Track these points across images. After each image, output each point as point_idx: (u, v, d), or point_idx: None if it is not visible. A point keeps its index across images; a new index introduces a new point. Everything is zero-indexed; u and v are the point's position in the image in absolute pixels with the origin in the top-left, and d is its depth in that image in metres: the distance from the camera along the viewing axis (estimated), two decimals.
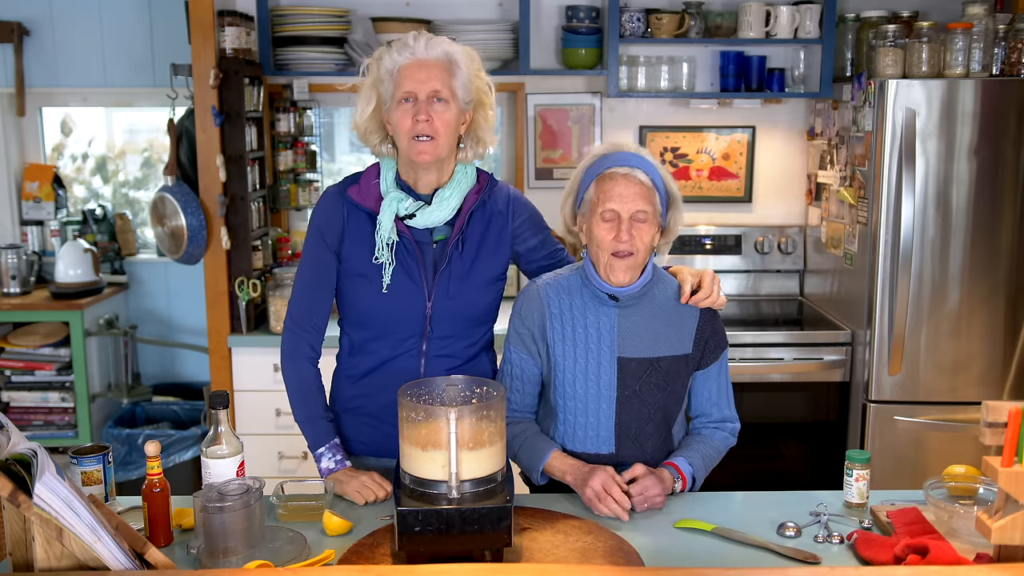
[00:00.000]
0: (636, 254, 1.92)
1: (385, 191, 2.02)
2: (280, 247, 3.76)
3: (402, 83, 1.94)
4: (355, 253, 2.03)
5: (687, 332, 2.00)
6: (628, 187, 1.90)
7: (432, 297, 2.02)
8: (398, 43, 1.97)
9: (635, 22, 3.59)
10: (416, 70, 1.93)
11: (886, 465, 3.23)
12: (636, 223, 1.90)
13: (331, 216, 2.05)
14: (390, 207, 1.99)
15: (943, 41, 3.16)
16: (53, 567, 1.45)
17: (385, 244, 1.99)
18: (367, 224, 2.03)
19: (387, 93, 1.98)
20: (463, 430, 1.62)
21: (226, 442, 1.79)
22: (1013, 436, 1.47)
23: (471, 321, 2.08)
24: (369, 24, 3.70)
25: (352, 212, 2.04)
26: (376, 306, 2.02)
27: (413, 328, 2.04)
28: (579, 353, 1.99)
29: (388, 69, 1.96)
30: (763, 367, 3.36)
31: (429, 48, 1.95)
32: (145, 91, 4.05)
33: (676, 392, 2.01)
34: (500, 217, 2.09)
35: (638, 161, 1.94)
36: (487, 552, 1.62)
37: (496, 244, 2.08)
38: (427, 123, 1.93)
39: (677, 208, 2.01)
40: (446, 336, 2.05)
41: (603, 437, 2.00)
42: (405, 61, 1.94)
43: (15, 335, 3.87)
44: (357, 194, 2.03)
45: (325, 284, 2.06)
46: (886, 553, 1.66)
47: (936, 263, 3.17)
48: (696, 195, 3.92)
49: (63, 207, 4.18)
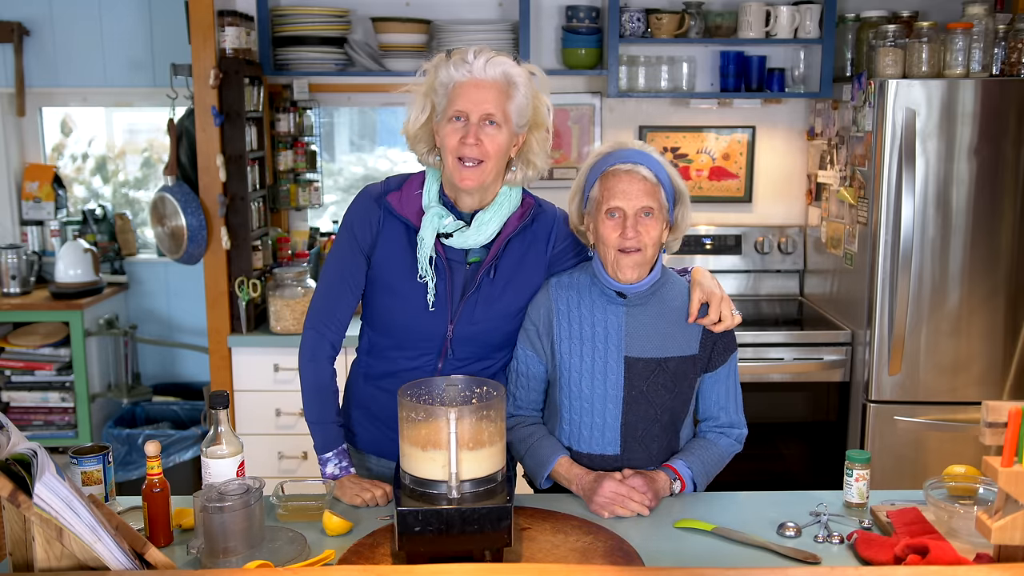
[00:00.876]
0: (644, 250, 1.90)
1: (427, 205, 1.96)
2: (280, 247, 3.76)
3: (455, 100, 1.87)
4: (385, 261, 1.98)
5: (694, 333, 1.99)
6: (632, 184, 1.88)
7: (455, 321, 1.98)
8: (457, 56, 1.89)
9: (635, 22, 3.59)
10: (471, 89, 1.86)
11: (886, 465, 3.23)
12: (641, 219, 1.88)
13: (366, 219, 1.99)
14: (431, 224, 1.93)
15: (943, 41, 3.16)
16: (53, 567, 1.45)
17: (426, 263, 1.93)
18: (402, 234, 1.98)
19: (440, 105, 1.91)
20: (463, 430, 1.62)
21: (226, 442, 1.79)
22: (1013, 436, 1.47)
23: (491, 347, 2.04)
24: (369, 24, 3.70)
25: (388, 219, 1.98)
26: (399, 319, 1.99)
27: (431, 347, 2.01)
28: (585, 352, 1.98)
29: (443, 82, 1.89)
30: (763, 367, 3.36)
31: (488, 68, 1.87)
32: (145, 91, 4.05)
33: (683, 393, 2.00)
34: (540, 244, 2.03)
35: (642, 157, 1.92)
36: (487, 552, 1.62)
37: (532, 271, 2.02)
38: (476, 146, 1.87)
39: (684, 204, 1.97)
40: (464, 359, 2.02)
41: (609, 438, 1.99)
42: (462, 78, 1.87)
43: (15, 335, 3.87)
44: (397, 202, 1.97)
45: (352, 285, 2.02)
46: (886, 553, 1.66)
47: (936, 263, 3.17)
48: (696, 195, 3.91)
49: (63, 207, 4.18)
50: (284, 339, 3.39)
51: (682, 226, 1.99)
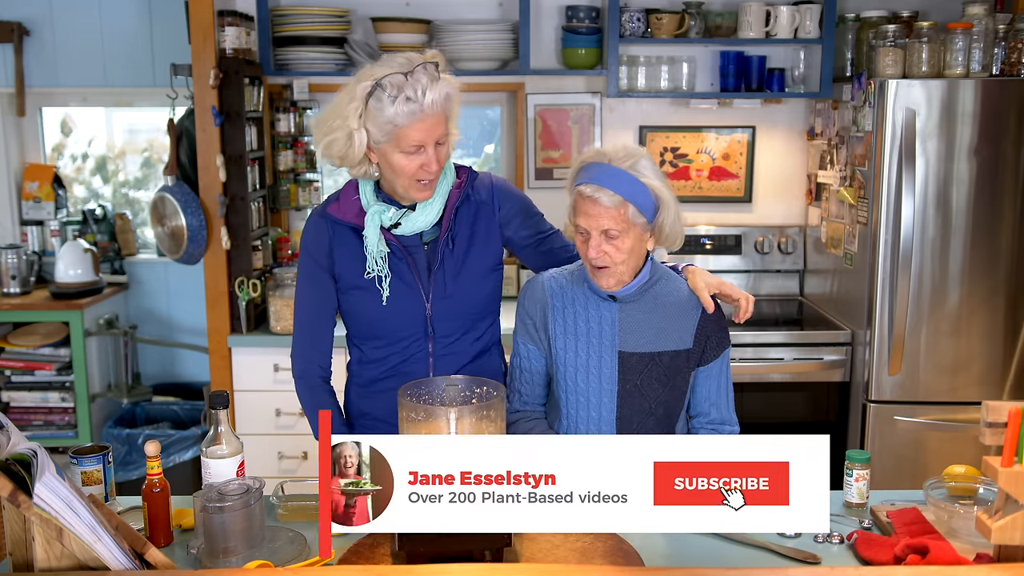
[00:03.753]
0: (612, 267, 1.93)
1: (367, 205, 2.01)
2: (280, 247, 3.76)
3: (409, 135, 1.88)
4: (348, 269, 2.04)
5: (688, 327, 2.00)
6: (594, 207, 1.89)
7: (430, 298, 2.03)
8: (394, 90, 1.85)
9: (635, 22, 3.60)
10: (423, 124, 1.88)
11: (886, 465, 3.23)
12: (605, 240, 1.90)
13: (318, 237, 2.05)
14: (374, 220, 1.99)
15: (943, 41, 3.16)
16: (53, 567, 1.45)
17: (376, 258, 1.99)
18: (353, 238, 2.03)
19: (382, 134, 1.90)
20: (463, 430, 1.62)
21: (226, 442, 1.79)
22: (1013, 436, 1.47)
23: (472, 316, 2.08)
24: (369, 24, 3.70)
25: (337, 230, 2.04)
26: (377, 316, 2.04)
27: (416, 332, 2.04)
28: (580, 347, 2.01)
29: (389, 119, 1.87)
30: (763, 367, 3.36)
31: (434, 98, 1.87)
32: (145, 91, 4.05)
33: (678, 387, 2.02)
34: (486, 207, 2.09)
35: (607, 178, 1.88)
36: (487, 552, 1.62)
37: (486, 235, 2.08)
38: (434, 167, 1.93)
39: (667, 209, 1.94)
40: (449, 335, 2.06)
41: (604, 431, 2.01)
42: (412, 117, 1.87)
43: (15, 335, 3.87)
44: (338, 211, 2.03)
45: (327, 307, 2.08)
46: (886, 553, 1.66)
47: (936, 263, 3.17)
48: (696, 195, 3.92)
49: (63, 207, 4.18)
50: (284, 339, 3.39)
51: (668, 231, 1.97)
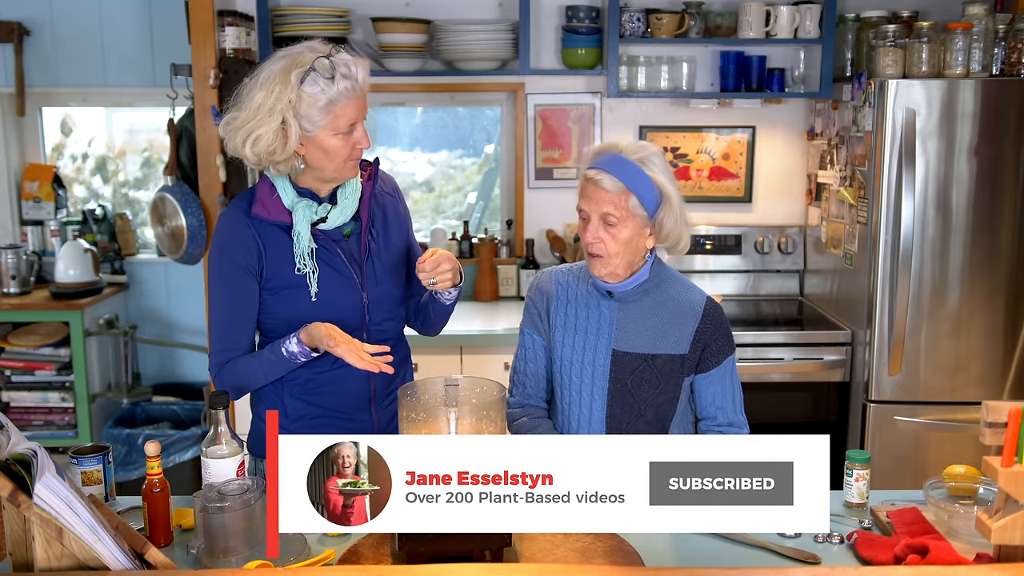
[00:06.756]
0: (607, 257, 1.95)
1: (291, 204, 1.99)
2: None
3: (345, 113, 1.89)
4: (279, 269, 1.99)
5: (686, 333, 2.01)
6: (596, 190, 1.93)
7: (366, 287, 2.04)
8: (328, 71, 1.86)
9: (635, 22, 3.60)
10: (358, 101, 1.91)
11: (886, 465, 3.23)
12: (603, 225, 1.93)
13: (242, 240, 1.98)
14: (305, 216, 1.97)
15: (943, 41, 3.16)
16: (53, 567, 1.45)
17: (306, 255, 1.98)
18: (283, 237, 1.99)
19: (312, 122, 1.90)
20: (463, 430, 1.62)
21: (226, 442, 1.79)
22: (1013, 436, 1.47)
23: (396, 301, 2.11)
24: (369, 24, 3.70)
25: (264, 230, 1.99)
26: (308, 313, 1.99)
27: (354, 322, 2.02)
28: (577, 342, 2.03)
29: (330, 99, 1.88)
30: (763, 367, 3.36)
31: (361, 71, 1.90)
32: (145, 91, 4.05)
33: (670, 391, 2.02)
34: (391, 197, 2.14)
35: (614, 165, 1.92)
36: (487, 552, 1.62)
37: (395, 220, 2.13)
38: (365, 143, 1.96)
39: (670, 206, 1.95)
40: (381, 321, 2.07)
41: (595, 429, 2.03)
42: (351, 96, 1.89)
43: (15, 335, 3.87)
44: (264, 211, 1.98)
45: (247, 310, 2.01)
46: (886, 553, 1.66)
47: (936, 263, 3.17)
48: (696, 195, 3.92)
49: (63, 207, 4.18)
50: None
51: (669, 230, 1.97)
